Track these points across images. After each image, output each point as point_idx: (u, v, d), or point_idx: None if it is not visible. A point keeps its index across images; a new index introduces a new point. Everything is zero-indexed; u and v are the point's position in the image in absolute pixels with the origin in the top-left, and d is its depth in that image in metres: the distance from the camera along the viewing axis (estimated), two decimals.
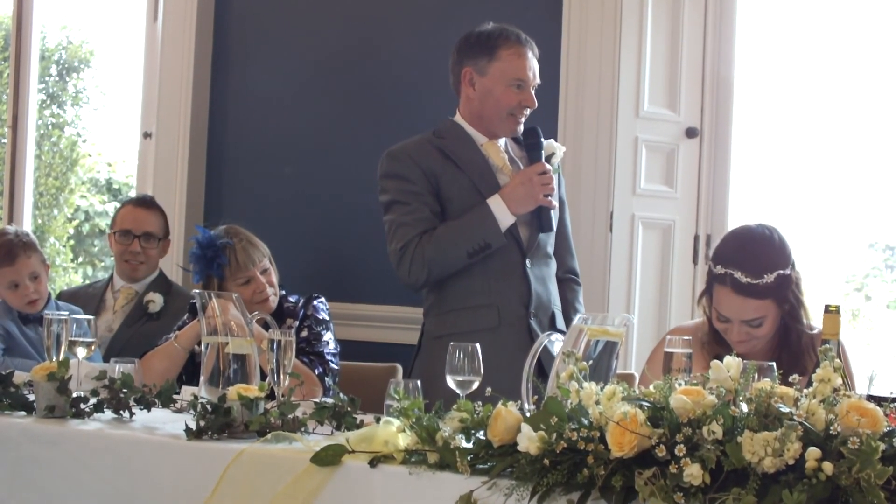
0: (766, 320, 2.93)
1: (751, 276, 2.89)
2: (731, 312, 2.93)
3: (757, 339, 2.95)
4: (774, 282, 2.89)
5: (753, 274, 2.89)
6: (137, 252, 4.31)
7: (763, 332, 2.94)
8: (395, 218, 3.43)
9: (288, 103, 4.91)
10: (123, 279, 4.35)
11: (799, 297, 2.96)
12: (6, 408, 2.78)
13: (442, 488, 2.10)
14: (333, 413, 2.53)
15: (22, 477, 2.62)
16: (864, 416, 1.85)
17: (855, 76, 7.38)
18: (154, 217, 4.38)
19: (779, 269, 2.91)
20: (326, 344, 3.69)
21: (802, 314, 2.98)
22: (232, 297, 2.85)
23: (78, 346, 2.95)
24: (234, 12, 5.06)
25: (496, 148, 3.54)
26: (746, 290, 2.89)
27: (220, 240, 3.64)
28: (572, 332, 2.40)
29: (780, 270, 2.90)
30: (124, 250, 4.31)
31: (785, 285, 2.91)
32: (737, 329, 2.94)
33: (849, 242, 8.06)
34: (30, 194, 5.80)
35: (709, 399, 1.93)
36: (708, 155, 4.51)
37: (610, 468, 1.91)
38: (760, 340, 2.96)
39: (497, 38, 3.47)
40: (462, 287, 3.44)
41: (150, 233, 4.34)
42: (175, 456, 2.44)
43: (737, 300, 2.91)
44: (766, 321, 2.93)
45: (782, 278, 2.91)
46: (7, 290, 3.85)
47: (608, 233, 4.36)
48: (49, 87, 11.14)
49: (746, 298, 2.90)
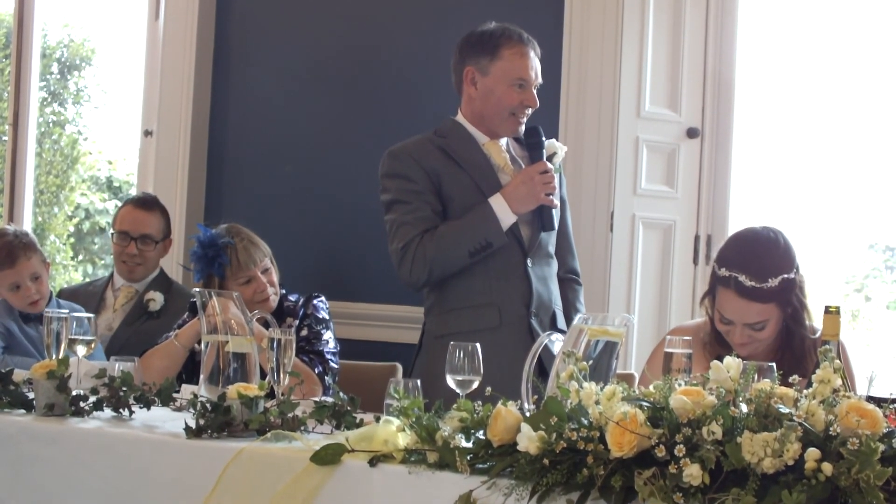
0: (769, 323, 2.92)
1: (755, 280, 2.88)
2: (734, 315, 2.93)
3: (759, 342, 2.95)
4: (779, 286, 2.88)
5: (758, 278, 2.88)
6: (134, 254, 4.29)
7: (765, 335, 2.94)
8: (396, 217, 3.43)
9: (289, 101, 4.91)
10: (123, 278, 4.34)
11: (802, 300, 2.96)
12: (6, 406, 2.78)
13: (441, 488, 2.10)
14: (333, 412, 2.53)
15: (21, 475, 2.62)
16: (863, 417, 1.85)
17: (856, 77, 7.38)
18: (153, 218, 4.36)
19: (783, 273, 2.90)
20: (326, 343, 3.69)
21: (805, 317, 2.98)
22: (232, 296, 2.85)
23: (77, 344, 2.95)
24: (235, 11, 5.06)
25: (498, 147, 3.54)
26: (751, 293, 2.88)
27: (221, 239, 3.64)
28: (572, 332, 2.40)
29: (784, 275, 2.90)
30: (121, 251, 4.31)
31: (789, 289, 2.91)
32: (739, 332, 2.93)
33: (849, 243, 8.06)
34: (30, 192, 5.80)
35: (708, 399, 1.93)
36: (709, 155, 4.51)
37: (609, 468, 1.91)
38: (762, 343, 2.96)
39: (499, 37, 3.46)
40: (463, 286, 3.43)
41: (148, 235, 4.31)
42: (175, 454, 2.44)
43: (740, 303, 2.90)
44: (768, 324, 2.92)
45: (787, 282, 2.90)
46: (8, 291, 3.84)
47: (609, 233, 4.36)
48: (50, 84, 11.14)
49: (750, 302, 2.89)
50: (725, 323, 2.95)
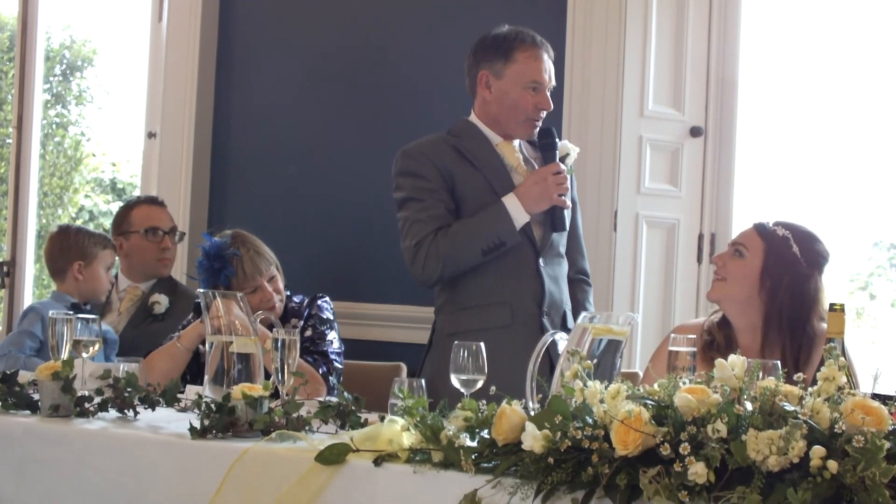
0: (746, 258, 3.03)
1: (767, 222, 3.07)
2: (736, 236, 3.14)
3: (728, 279, 3.05)
4: (780, 237, 3.02)
5: (774, 223, 3.07)
6: (169, 248, 4.36)
7: (735, 268, 3.04)
8: (409, 215, 3.44)
9: (292, 102, 4.91)
10: (131, 279, 4.34)
11: (799, 294, 2.99)
12: (11, 407, 2.78)
13: (446, 487, 2.10)
14: (338, 412, 2.53)
15: (26, 476, 2.62)
16: (868, 415, 1.85)
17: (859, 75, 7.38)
18: (169, 214, 4.46)
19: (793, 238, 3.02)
20: (331, 343, 3.69)
21: (813, 314, 2.99)
22: (236, 297, 2.85)
23: (83, 346, 2.95)
24: (238, 12, 5.06)
25: (511, 148, 3.55)
26: (759, 224, 3.07)
27: (227, 250, 3.62)
28: (577, 331, 2.40)
29: (792, 239, 3.01)
30: (156, 247, 4.32)
31: (784, 247, 3.01)
32: (722, 254, 3.11)
33: (853, 241, 8.06)
34: (35, 194, 5.80)
35: (713, 397, 1.93)
36: (712, 154, 4.51)
37: (614, 467, 1.91)
38: (730, 283, 3.05)
39: (513, 40, 3.48)
40: (475, 285, 3.45)
41: (176, 228, 4.43)
42: (179, 455, 2.45)
43: (747, 230, 3.09)
44: (746, 257, 3.03)
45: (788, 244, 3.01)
46: (105, 272, 4.10)
47: (612, 232, 4.36)
48: (53, 86, 11.14)
49: (752, 229, 3.07)
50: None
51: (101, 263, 4.07)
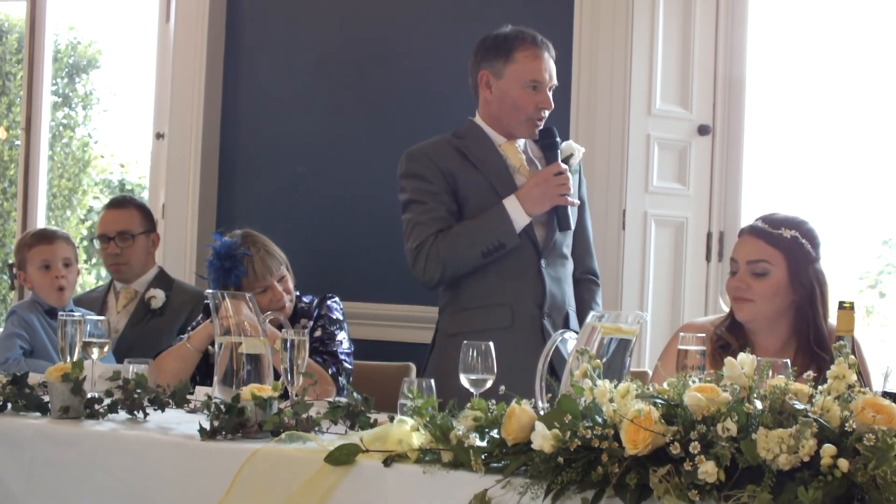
0: (771, 274, 2.95)
1: (769, 225, 2.98)
2: (739, 253, 2.99)
3: (756, 300, 2.96)
4: (791, 239, 2.94)
5: (772, 225, 2.97)
6: (116, 254, 4.29)
7: (764, 288, 2.95)
8: (411, 217, 3.46)
9: (300, 103, 4.92)
10: (116, 281, 4.36)
11: (818, 286, 2.96)
12: (21, 409, 2.79)
13: (456, 487, 2.10)
14: (347, 412, 2.53)
15: (37, 477, 2.63)
16: (879, 413, 1.85)
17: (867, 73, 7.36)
18: (127, 215, 4.34)
19: (799, 233, 2.95)
20: (340, 343, 3.69)
21: (820, 306, 2.97)
22: (245, 297, 2.85)
23: (92, 347, 2.96)
24: (246, 13, 5.07)
25: (514, 149, 3.55)
26: (760, 232, 2.97)
27: (237, 250, 3.62)
28: (585, 330, 2.40)
29: (799, 235, 2.95)
30: (105, 255, 4.32)
31: (801, 249, 2.95)
32: (739, 276, 2.98)
33: (863, 239, 8.03)
34: (43, 196, 5.81)
35: (723, 396, 1.93)
36: (720, 152, 4.50)
37: (624, 466, 1.91)
38: (760, 304, 2.96)
39: (513, 40, 3.48)
40: (477, 286, 3.45)
41: (124, 231, 4.29)
42: (189, 456, 2.45)
43: (748, 241, 2.99)
44: (770, 274, 2.95)
45: (799, 241, 2.95)
46: (38, 269, 3.90)
47: (621, 231, 4.36)
48: (60, 88, 11.16)
49: (757, 239, 2.97)
50: (732, 272, 3.00)
51: (31, 265, 3.94)
